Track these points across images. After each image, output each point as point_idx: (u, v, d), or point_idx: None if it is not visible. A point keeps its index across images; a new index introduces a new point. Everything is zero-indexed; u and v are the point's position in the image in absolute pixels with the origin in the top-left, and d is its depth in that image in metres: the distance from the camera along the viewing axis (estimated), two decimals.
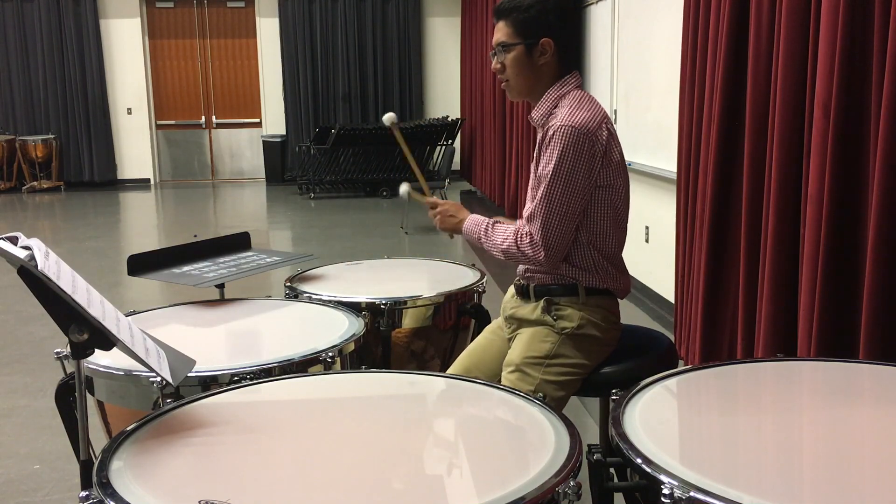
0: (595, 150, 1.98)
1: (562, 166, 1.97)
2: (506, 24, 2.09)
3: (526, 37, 2.07)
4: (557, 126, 1.98)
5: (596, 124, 1.99)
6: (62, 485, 2.92)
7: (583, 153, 1.97)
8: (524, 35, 2.07)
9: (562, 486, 1.26)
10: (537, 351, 2.06)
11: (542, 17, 2.06)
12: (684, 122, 3.68)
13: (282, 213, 9.93)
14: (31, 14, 11.63)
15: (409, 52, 12.14)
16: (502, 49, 2.10)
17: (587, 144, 1.97)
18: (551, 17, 2.07)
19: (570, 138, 1.96)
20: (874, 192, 2.26)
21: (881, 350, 2.25)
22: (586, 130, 1.97)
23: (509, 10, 2.08)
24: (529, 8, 2.06)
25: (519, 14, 2.07)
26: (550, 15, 2.07)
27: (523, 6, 2.06)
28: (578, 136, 1.96)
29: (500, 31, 2.10)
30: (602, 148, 2.00)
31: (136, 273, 2.48)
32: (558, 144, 1.97)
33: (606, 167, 2.02)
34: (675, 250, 3.88)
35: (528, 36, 2.07)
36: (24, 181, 11.70)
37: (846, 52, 2.39)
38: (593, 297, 2.08)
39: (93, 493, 1.26)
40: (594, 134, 1.98)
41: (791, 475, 1.34)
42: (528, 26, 2.06)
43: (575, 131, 1.96)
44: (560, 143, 1.97)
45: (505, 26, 2.09)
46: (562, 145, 1.96)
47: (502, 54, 2.10)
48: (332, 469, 1.37)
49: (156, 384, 1.75)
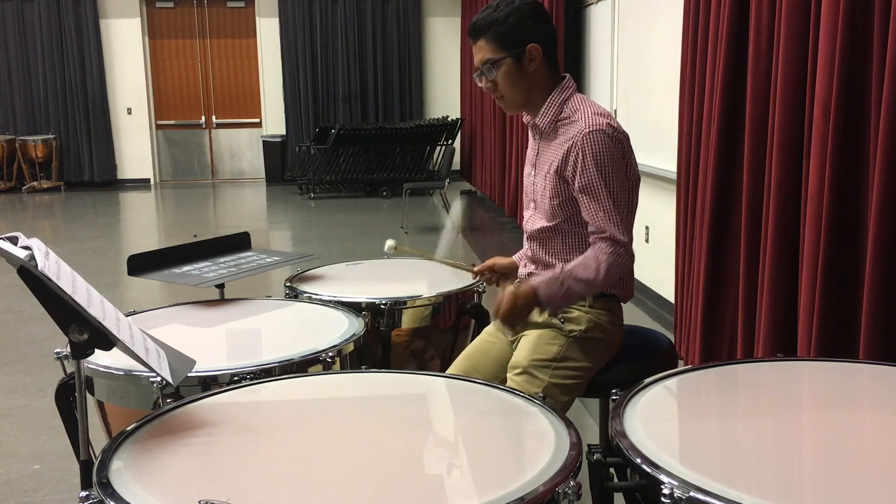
0: (624, 148, 2.01)
1: (609, 169, 1.97)
2: (487, 41, 2.04)
3: (511, 48, 2.03)
4: (587, 132, 1.97)
5: (616, 124, 2.02)
6: (62, 485, 2.92)
7: (618, 152, 1.99)
8: (509, 46, 2.03)
9: (562, 486, 1.26)
10: (545, 353, 2.06)
11: (522, 24, 2.03)
12: (684, 122, 3.68)
13: (282, 213, 9.93)
14: (31, 14, 11.63)
15: (409, 52, 12.14)
16: (491, 66, 2.05)
17: (619, 144, 1.99)
18: (531, 23, 2.04)
19: (604, 142, 1.97)
20: (874, 192, 2.26)
21: (881, 350, 2.25)
22: (613, 131, 1.99)
23: (487, 25, 2.04)
24: (507, 18, 2.02)
25: (498, 28, 2.03)
26: (529, 20, 2.03)
27: (500, 19, 2.02)
28: (610, 138, 1.97)
29: (483, 50, 2.06)
30: (627, 145, 2.03)
31: (136, 273, 2.48)
32: (598, 150, 1.96)
33: (629, 165, 2.04)
34: (675, 250, 3.88)
35: (512, 46, 2.03)
36: (24, 181, 11.69)
37: (846, 52, 2.39)
38: (600, 300, 2.09)
39: (93, 493, 1.26)
40: (619, 132, 2.01)
41: (791, 475, 1.34)
42: (510, 37, 2.03)
43: (606, 134, 1.97)
44: (599, 149, 1.96)
45: (486, 43, 2.05)
46: (601, 150, 1.96)
47: (491, 72, 2.06)
48: (331, 469, 1.37)
49: (156, 384, 1.75)
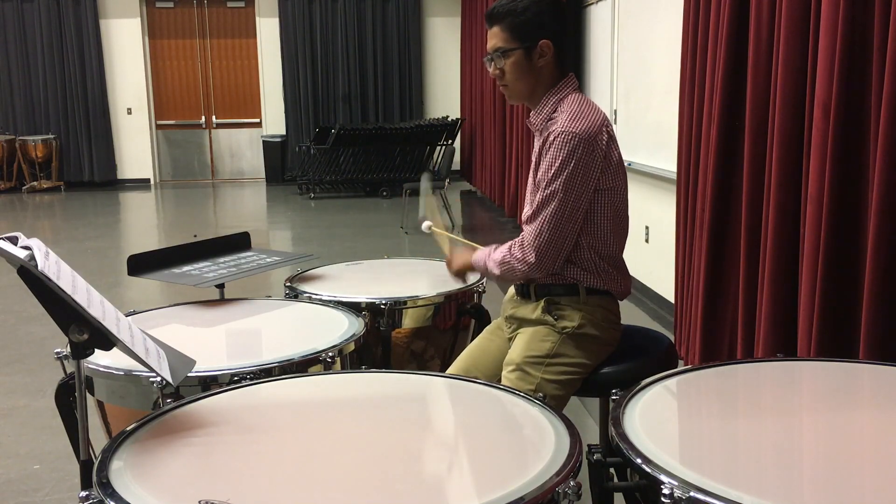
0: (595, 156, 1.98)
1: (561, 172, 1.96)
2: (501, 29, 2.05)
3: (524, 40, 2.03)
4: (558, 132, 1.97)
5: (596, 129, 1.98)
6: (62, 485, 2.92)
7: (582, 159, 1.96)
8: (522, 38, 2.03)
9: (562, 486, 1.26)
10: (538, 350, 2.06)
11: (538, 18, 2.03)
12: (684, 122, 3.68)
13: (282, 213, 9.93)
14: (31, 14, 11.63)
15: (409, 52, 12.14)
16: (501, 55, 2.06)
17: (587, 150, 1.96)
18: (547, 18, 2.04)
19: (570, 144, 1.95)
20: (874, 192, 2.26)
21: (881, 350, 2.25)
22: (587, 136, 1.96)
23: (504, 14, 2.04)
24: (525, 10, 2.02)
25: (514, 18, 2.03)
26: (546, 16, 2.04)
27: (518, 9, 2.03)
28: (579, 141, 1.95)
29: (496, 37, 2.06)
30: (602, 152, 1.99)
31: (136, 273, 2.48)
32: (559, 150, 1.96)
33: (606, 171, 2.01)
34: (675, 250, 3.88)
35: (525, 39, 2.03)
36: (24, 181, 11.70)
37: (846, 52, 2.39)
38: (594, 297, 2.08)
39: (93, 493, 1.26)
40: (594, 139, 1.97)
41: (791, 475, 1.34)
42: (524, 29, 2.03)
43: (575, 137, 1.95)
44: (561, 149, 1.96)
45: (500, 31, 2.05)
46: (562, 151, 1.95)
47: (501, 60, 2.06)
48: (331, 469, 1.37)
49: (156, 384, 1.75)
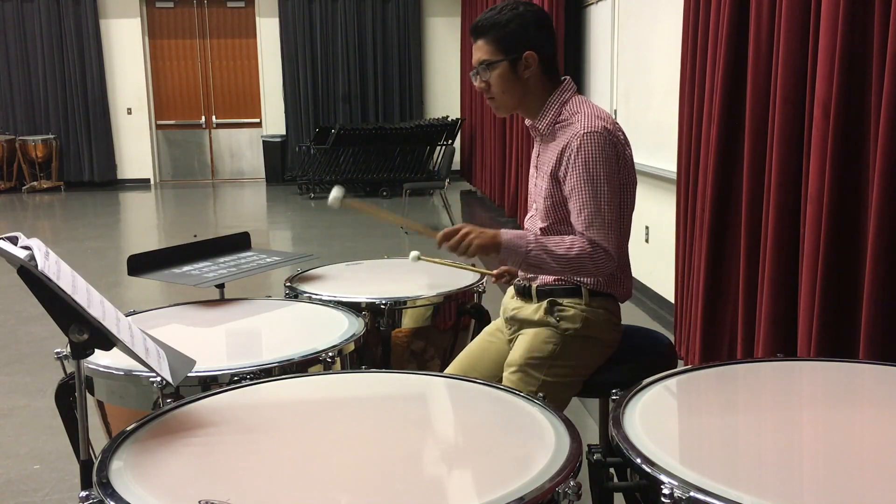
0: (619, 151, 2.01)
1: (600, 172, 1.97)
2: (486, 42, 2.06)
3: (508, 52, 2.04)
4: (584, 132, 1.98)
5: (612, 126, 2.02)
6: (62, 485, 2.92)
7: (612, 156, 1.99)
8: (506, 51, 2.04)
9: (562, 486, 1.26)
10: (540, 352, 2.06)
11: (523, 30, 2.03)
12: (684, 122, 3.68)
13: (282, 213, 9.93)
14: (31, 14, 11.63)
15: (409, 52, 12.14)
16: (486, 67, 2.06)
17: (613, 147, 1.99)
18: (531, 30, 2.05)
19: (598, 144, 1.97)
20: (874, 192, 2.26)
21: (881, 350, 2.25)
22: (608, 133, 1.99)
23: (488, 27, 2.05)
24: (509, 23, 2.03)
25: (499, 31, 2.04)
26: (530, 27, 2.04)
27: (502, 22, 2.03)
28: (605, 140, 1.97)
29: (481, 50, 2.07)
30: (623, 148, 2.03)
31: (136, 273, 2.48)
32: (589, 152, 1.97)
33: (624, 168, 2.04)
34: (675, 250, 3.88)
35: (510, 51, 2.04)
36: (24, 181, 11.70)
37: (846, 52, 2.39)
38: (596, 298, 2.09)
39: (93, 493, 1.26)
40: (615, 135, 2.01)
41: (791, 475, 1.34)
42: (509, 42, 2.04)
43: (600, 136, 1.97)
44: (591, 151, 1.97)
45: (485, 44, 2.06)
46: (593, 153, 1.96)
47: (486, 72, 2.07)
48: (331, 469, 1.37)
49: (156, 384, 1.75)
